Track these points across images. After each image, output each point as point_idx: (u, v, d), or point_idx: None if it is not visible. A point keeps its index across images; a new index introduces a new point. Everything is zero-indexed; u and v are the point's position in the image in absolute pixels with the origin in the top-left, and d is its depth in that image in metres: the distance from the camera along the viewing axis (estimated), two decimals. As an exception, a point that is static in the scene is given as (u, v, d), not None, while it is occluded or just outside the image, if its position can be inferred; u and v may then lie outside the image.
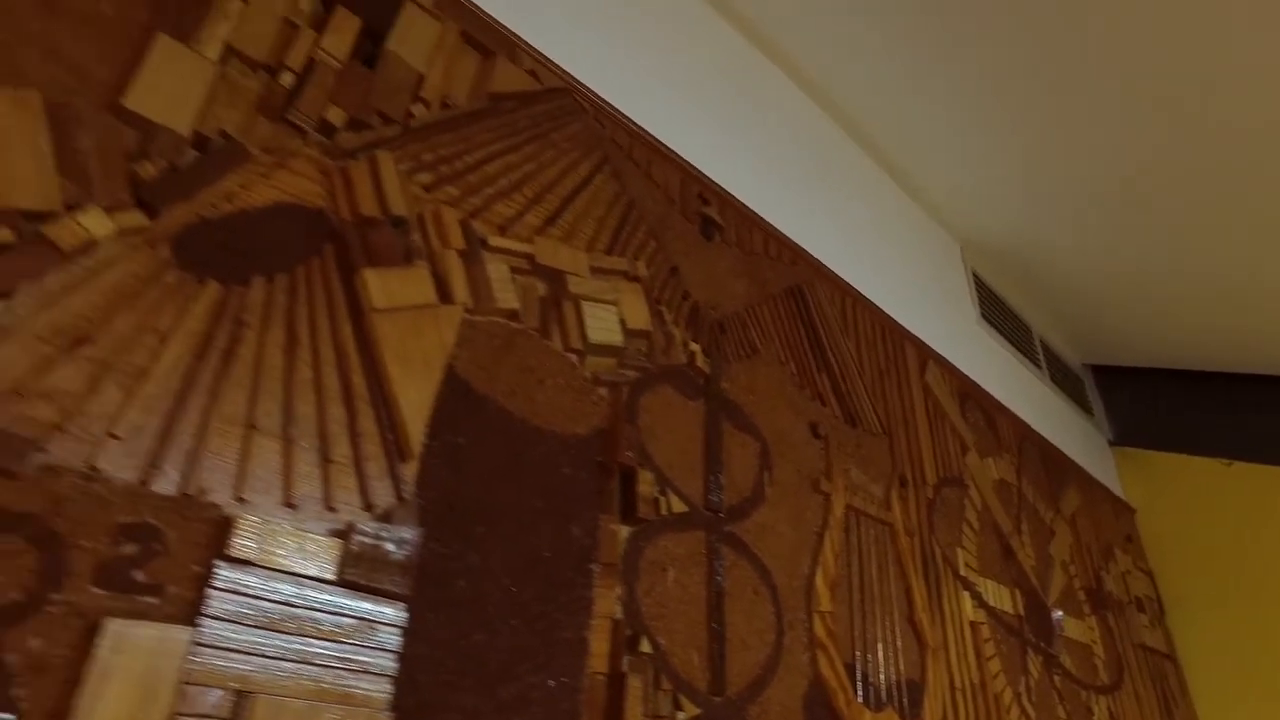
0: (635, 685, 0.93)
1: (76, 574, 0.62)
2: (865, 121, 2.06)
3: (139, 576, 0.65)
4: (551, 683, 0.88)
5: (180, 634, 0.64)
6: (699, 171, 1.44)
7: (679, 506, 1.10)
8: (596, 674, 0.92)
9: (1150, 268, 2.39)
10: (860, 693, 1.26)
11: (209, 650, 0.65)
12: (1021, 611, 1.77)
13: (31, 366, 0.65)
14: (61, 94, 0.74)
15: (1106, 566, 2.27)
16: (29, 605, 0.59)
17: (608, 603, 0.96)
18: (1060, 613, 1.89)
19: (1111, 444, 2.83)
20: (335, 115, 0.93)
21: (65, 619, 0.61)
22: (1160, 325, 2.63)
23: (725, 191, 1.48)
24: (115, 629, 0.61)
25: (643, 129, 1.36)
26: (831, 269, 1.70)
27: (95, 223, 0.71)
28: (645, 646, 0.97)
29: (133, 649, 0.61)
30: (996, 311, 2.45)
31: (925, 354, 1.91)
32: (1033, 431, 2.27)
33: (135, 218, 0.74)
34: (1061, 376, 2.70)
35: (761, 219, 1.55)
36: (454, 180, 1.03)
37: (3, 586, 0.59)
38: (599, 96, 1.30)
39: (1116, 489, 2.68)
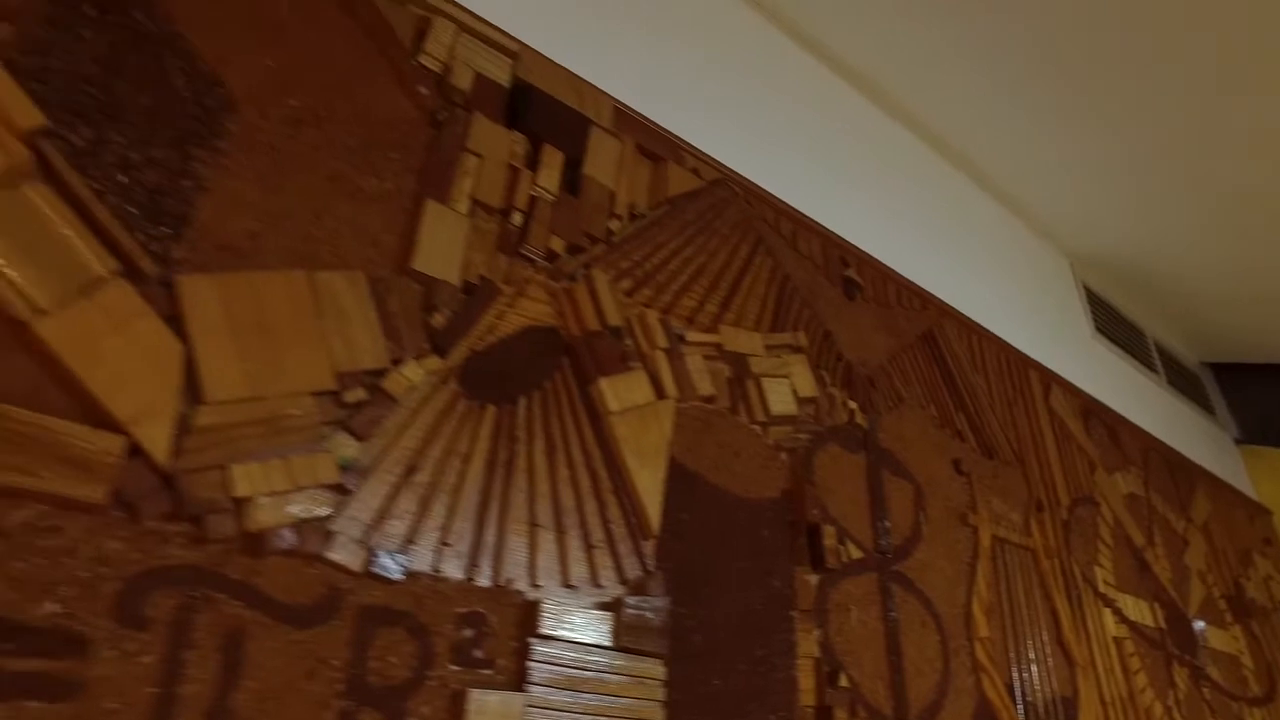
0: (840, 716, 1.08)
1: (439, 655, 0.81)
2: (969, 148, 2.12)
3: (477, 654, 0.84)
4: (772, 717, 1.04)
5: (517, 699, 0.82)
6: (836, 235, 1.57)
7: (855, 553, 1.24)
8: (806, 707, 1.07)
9: (1270, 262, 2.38)
10: (1021, 711, 1.37)
11: (537, 711, 0.83)
12: (1163, 624, 1.84)
13: (387, 495, 0.84)
14: (368, 265, 0.93)
15: (1246, 573, 2.28)
16: (416, 681, 0.78)
17: (809, 644, 1.11)
18: (1202, 623, 1.94)
19: (1238, 442, 2.81)
20: (556, 243, 1.11)
21: (439, 690, 0.79)
22: (1283, 319, 2.60)
23: (860, 250, 1.61)
24: (477, 697, 0.79)
25: (785, 203, 1.50)
26: (955, 307, 1.80)
27: (412, 371, 0.90)
28: (843, 681, 1.11)
29: (490, 713, 0.79)
30: (1110, 322, 2.48)
31: (1048, 378, 1.99)
32: (1156, 441, 2.30)
33: (434, 361, 0.93)
34: (1179, 379, 2.70)
35: (892, 270, 1.67)
36: (647, 282, 1.20)
37: (399, 668, 0.78)
38: (746, 179, 1.45)
39: (1247, 489, 2.66)
